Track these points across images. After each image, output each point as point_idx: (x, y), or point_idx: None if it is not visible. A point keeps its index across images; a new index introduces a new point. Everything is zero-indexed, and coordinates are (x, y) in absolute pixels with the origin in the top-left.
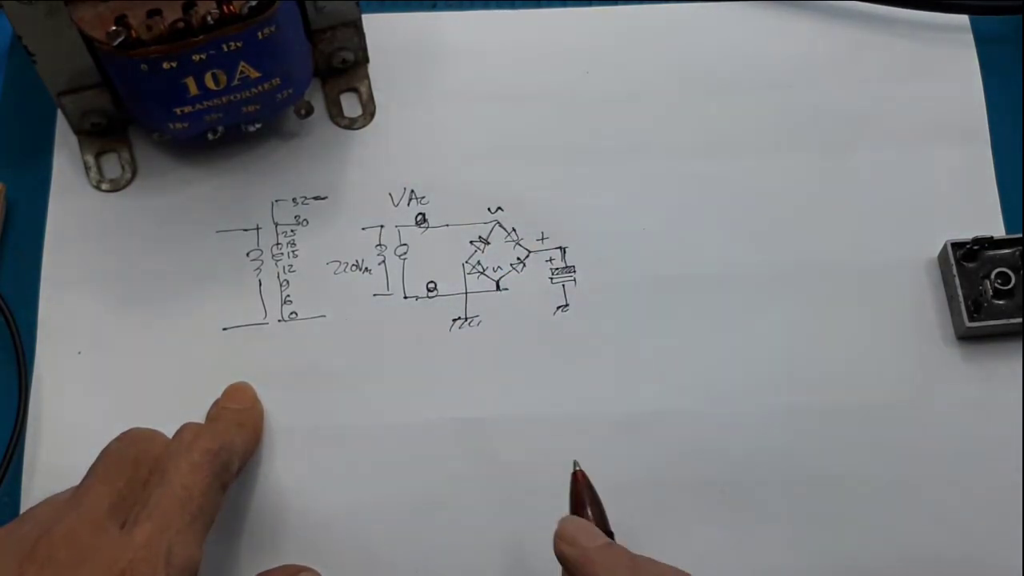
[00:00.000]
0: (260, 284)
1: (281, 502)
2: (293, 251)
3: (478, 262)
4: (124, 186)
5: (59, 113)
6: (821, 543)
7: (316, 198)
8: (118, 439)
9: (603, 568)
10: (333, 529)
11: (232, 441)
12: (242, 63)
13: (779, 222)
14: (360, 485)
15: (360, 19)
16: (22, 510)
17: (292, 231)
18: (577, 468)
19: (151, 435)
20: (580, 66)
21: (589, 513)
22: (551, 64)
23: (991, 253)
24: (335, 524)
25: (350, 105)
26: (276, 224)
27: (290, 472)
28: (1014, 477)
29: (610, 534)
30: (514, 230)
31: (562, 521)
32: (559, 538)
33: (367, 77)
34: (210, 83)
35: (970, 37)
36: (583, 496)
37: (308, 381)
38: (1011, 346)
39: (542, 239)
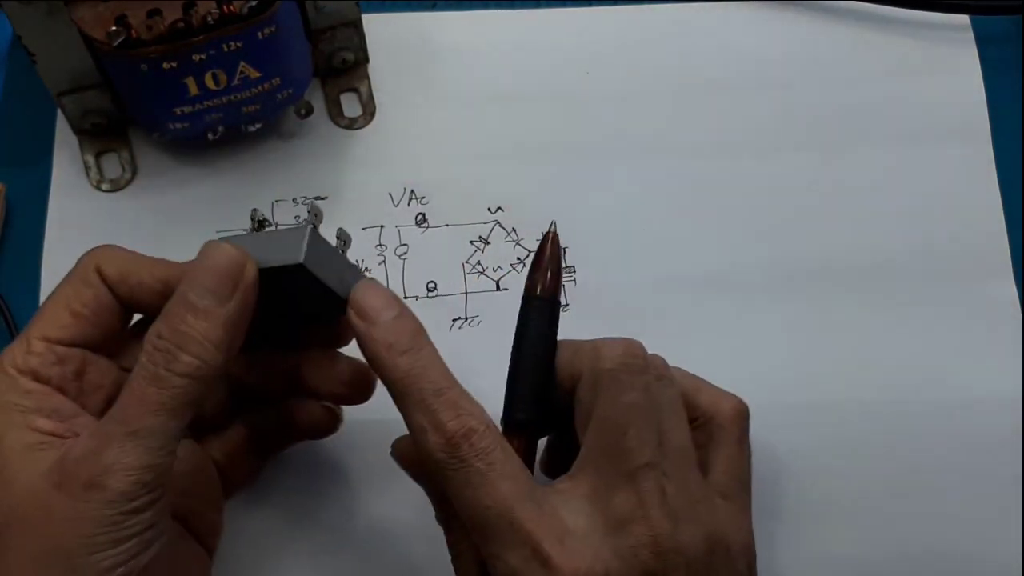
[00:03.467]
0: None
1: (282, 501)
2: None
3: (478, 262)
4: (124, 186)
5: (59, 113)
6: (822, 540)
7: (316, 198)
8: None
9: (384, 345)
10: (332, 528)
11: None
12: (242, 63)
13: (779, 222)
14: (360, 484)
15: (360, 19)
16: None
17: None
18: (554, 229)
19: None
20: (580, 66)
21: (548, 273)
22: (551, 64)
23: None
24: (334, 523)
25: (350, 105)
26: (276, 224)
27: (289, 470)
28: (1014, 472)
29: (557, 302)
30: (514, 230)
31: (355, 287)
32: (351, 307)
33: (367, 77)
34: (210, 83)
35: (971, 36)
36: (545, 257)
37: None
38: None
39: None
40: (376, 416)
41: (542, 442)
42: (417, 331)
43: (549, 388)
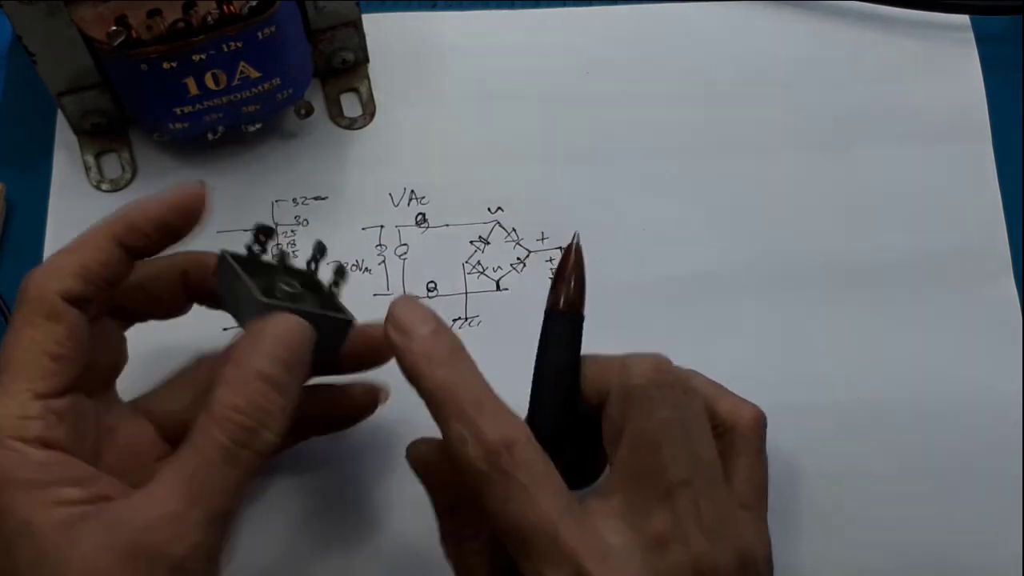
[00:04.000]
0: None
1: (281, 500)
2: (293, 251)
3: (478, 262)
4: (124, 186)
5: (59, 113)
6: (822, 540)
7: (316, 198)
8: None
9: (422, 357)
10: (330, 527)
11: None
12: (242, 63)
13: (779, 222)
14: (360, 483)
15: (360, 19)
16: None
17: (292, 231)
18: (577, 240)
19: None
20: (580, 66)
21: (571, 287)
22: (551, 64)
23: None
24: (333, 521)
25: (350, 105)
26: (276, 224)
27: (290, 470)
28: (1014, 472)
29: (580, 316)
30: (514, 230)
31: (394, 303)
32: (388, 322)
33: (367, 77)
34: (210, 83)
35: (971, 36)
36: (569, 269)
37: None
38: None
39: (542, 239)
40: (375, 415)
41: None
42: (455, 344)
43: (573, 405)
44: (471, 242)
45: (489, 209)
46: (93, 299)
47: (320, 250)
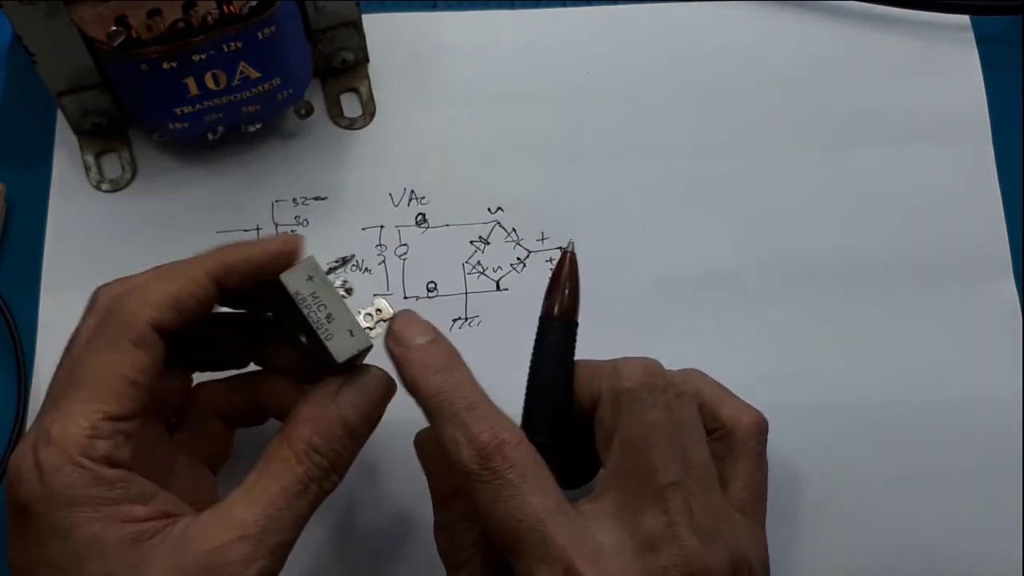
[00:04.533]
0: None
1: None
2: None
3: (478, 262)
4: (124, 186)
5: (59, 113)
6: (822, 540)
7: (316, 198)
8: None
9: (418, 365)
10: (329, 526)
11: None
12: (242, 63)
13: (779, 222)
14: (360, 483)
15: (360, 19)
16: None
17: (292, 231)
18: (571, 248)
19: None
20: (580, 66)
21: (566, 294)
22: (551, 64)
23: None
24: (329, 521)
25: (350, 105)
26: (276, 224)
27: None
28: (1014, 472)
29: (574, 323)
30: (514, 230)
31: (394, 318)
32: (388, 336)
33: (367, 77)
34: (210, 83)
35: (971, 36)
36: (564, 276)
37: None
38: None
39: (542, 239)
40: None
41: None
42: (451, 353)
43: (567, 410)
44: (471, 242)
45: (489, 209)
46: (177, 331)
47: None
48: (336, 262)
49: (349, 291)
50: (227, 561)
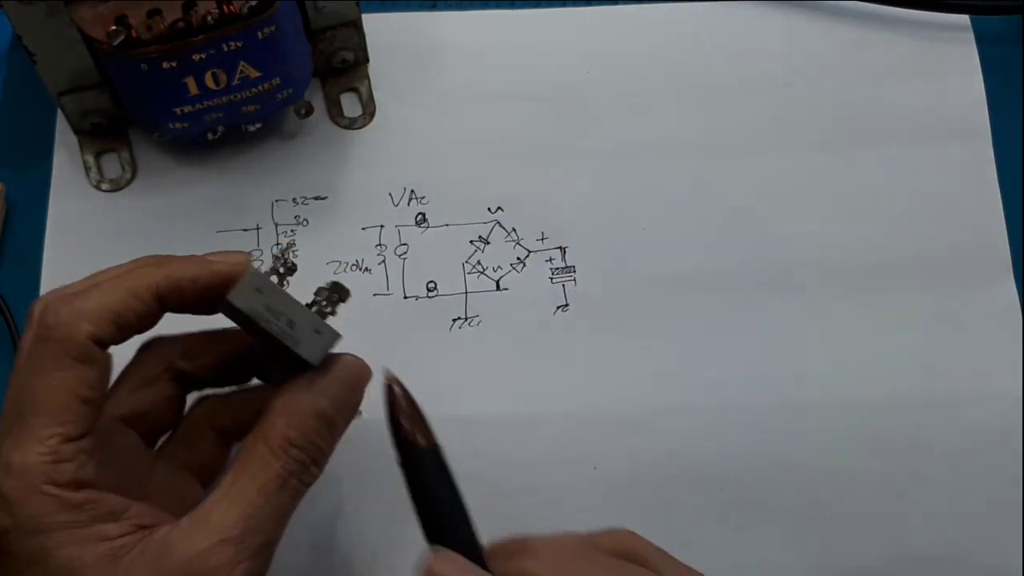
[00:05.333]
0: None
1: None
2: (293, 251)
3: (478, 262)
4: (124, 186)
5: (59, 113)
6: (822, 540)
7: (316, 198)
8: None
9: None
10: (329, 526)
11: None
12: (242, 63)
13: (779, 222)
14: (359, 483)
15: (360, 19)
16: None
17: (292, 231)
18: (390, 377)
19: None
20: (580, 66)
21: (417, 423)
22: (551, 64)
23: None
24: (332, 521)
25: (350, 105)
26: (276, 224)
27: None
28: (1014, 472)
29: (435, 445)
30: (514, 230)
31: (432, 557)
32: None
33: (367, 77)
34: (210, 83)
35: (971, 36)
36: (405, 408)
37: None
38: None
39: (542, 239)
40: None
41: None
42: None
43: (469, 523)
44: (471, 242)
45: (489, 209)
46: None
47: (338, 291)
48: (274, 259)
49: (292, 270)
50: (209, 566)
